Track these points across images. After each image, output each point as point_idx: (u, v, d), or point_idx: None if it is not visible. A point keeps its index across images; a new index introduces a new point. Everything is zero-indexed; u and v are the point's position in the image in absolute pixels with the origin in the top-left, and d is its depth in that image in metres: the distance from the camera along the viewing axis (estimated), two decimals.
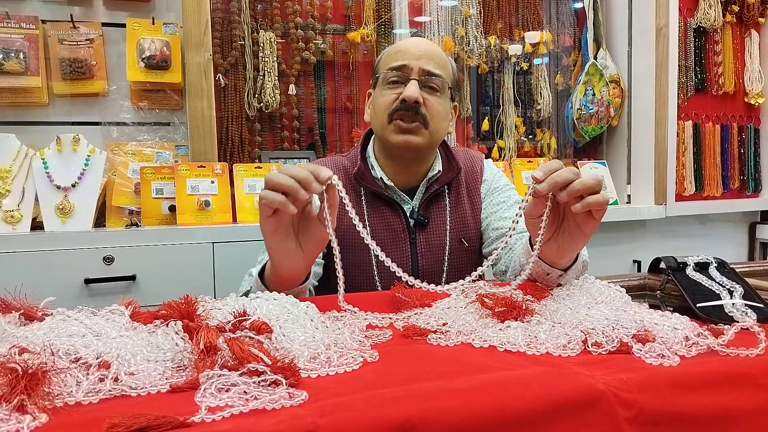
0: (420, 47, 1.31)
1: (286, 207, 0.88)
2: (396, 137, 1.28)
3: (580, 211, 0.89)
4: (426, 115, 1.28)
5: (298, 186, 0.87)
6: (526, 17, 2.76)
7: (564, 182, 0.89)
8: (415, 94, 1.25)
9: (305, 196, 0.88)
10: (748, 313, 0.86)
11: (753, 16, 2.88)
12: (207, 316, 0.74)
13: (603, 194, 0.90)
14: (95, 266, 1.77)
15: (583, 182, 0.89)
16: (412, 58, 1.29)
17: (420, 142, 1.29)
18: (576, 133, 2.81)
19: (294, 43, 2.40)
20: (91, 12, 2.17)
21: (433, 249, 1.37)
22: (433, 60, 1.30)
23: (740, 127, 2.91)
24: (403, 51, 1.31)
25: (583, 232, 0.95)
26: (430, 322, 0.86)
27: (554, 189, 0.90)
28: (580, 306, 0.84)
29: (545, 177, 0.90)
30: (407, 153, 1.31)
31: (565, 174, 0.89)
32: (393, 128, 1.28)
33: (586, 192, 0.89)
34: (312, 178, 0.88)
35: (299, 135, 2.44)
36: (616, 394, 0.59)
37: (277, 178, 0.88)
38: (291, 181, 0.88)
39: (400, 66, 1.29)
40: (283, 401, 0.55)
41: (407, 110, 1.27)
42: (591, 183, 0.89)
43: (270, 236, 0.94)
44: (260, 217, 0.94)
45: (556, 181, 0.89)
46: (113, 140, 2.17)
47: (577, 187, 0.89)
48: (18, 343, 0.61)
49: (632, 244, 2.70)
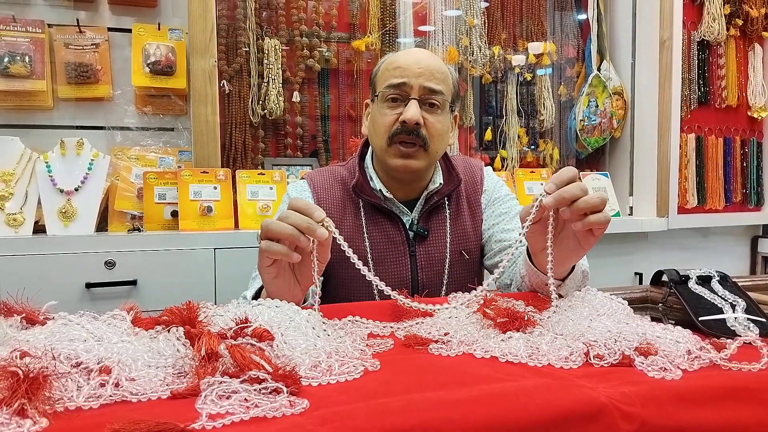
0: (421, 63, 1.27)
1: (290, 257, 0.88)
2: (395, 161, 1.27)
3: (580, 229, 0.89)
4: (426, 137, 1.26)
5: (299, 233, 0.87)
6: (530, 28, 2.77)
7: (571, 198, 0.89)
8: (415, 116, 1.23)
9: (306, 243, 0.87)
10: (751, 327, 0.86)
11: (757, 30, 2.88)
12: (209, 322, 0.74)
13: (605, 213, 0.90)
14: (97, 270, 1.77)
15: (588, 201, 0.89)
16: (412, 76, 1.25)
17: (418, 165, 1.28)
18: (579, 144, 2.81)
19: (298, 50, 2.41)
20: (97, 17, 2.19)
21: (433, 261, 1.36)
22: (433, 76, 1.26)
23: (743, 140, 2.92)
24: (403, 67, 1.26)
25: (581, 246, 0.94)
26: (432, 331, 0.85)
27: (560, 204, 0.90)
28: (582, 318, 0.84)
29: (557, 188, 0.90)
30: (406, 176, 1.31)
31: (572, 190, 0.89)
32: (393, 152, 1.27)
33: (590, 210, 0.89)
34: (315, 225, 0.87)
35: (302, 142, 2.45)
36: (618, 407, 0.59)
37: (276, 228, 0.88)
38: (290, 229, 0.87)
39: (400, 84, 1.26)
40: (284, 409, 0.54)
41: (408, 133, 1.24)
42: (595, 202, 0.89)
43: (270, 282, 0.94)
44: (259, 264, 0.93)
45: (563, 196, 0.89)
46: (117, 145, 2.17)
47: (581, 205, 0.89)
48: (19, 347, 0.61)
49: (634, 256, 2.70)
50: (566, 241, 0.95)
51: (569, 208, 0.89)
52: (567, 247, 0.95)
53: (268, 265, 0.91)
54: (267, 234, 0.89)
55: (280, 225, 0.88)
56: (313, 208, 0.89)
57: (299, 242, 0.87)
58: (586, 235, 0.92)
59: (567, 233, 0.95)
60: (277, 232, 0.87)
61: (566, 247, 0.95)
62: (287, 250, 0.88)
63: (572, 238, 0.94)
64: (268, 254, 0.89)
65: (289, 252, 0.88)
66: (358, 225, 1.34)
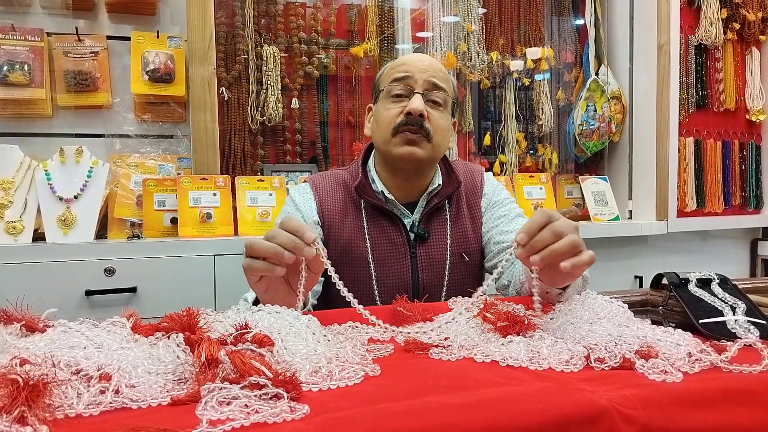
0: (424, 61, 1.33)
1: (273, 272, 0.88)
2: (399, 149, 1.29)
3: (569, 270, 0.88)
4: (429, 129, 1.29)
5: (282, 250, 0.87)
6: (528, 33, 2.78)
7: (542, 246, 0.89)
8: (420, 107, 1.27)
9: (291, 259, 0.87)
10: (751, 329, 0.86)
11: (754, 33, 2.89)
12: (208, 328, 0.74)
13: (587, 253, 0.89)
14: (96, 278, 1.77)
15: (555, 249, 0.88)
16: (416, 71, 1.30)
17: (422, 154, 1.29)
18: (577, 149, 2.82)
19: (297, 57, 2.41)
20: (96, 25, 2.19)
21: (433, 263, 1.37)
22: (437, 74, 1.32)
23: (741, 143, 2.92)
24: (407, 64, 1.32)
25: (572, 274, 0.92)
26: (432, 336, 0.85)
27: (530, 254, 0.90)
28: (583, 321, 0.84)
29: (529, 239, 0.90)
30: (409, 165, 1.32)
31: (544, 236, 0.89)
32: (398, 140, 1.29)
33: (563, 257, 0.88)
34: (301, 244, 0.87)
35: (301, 148, 2.45)
36: (619, 410, 0.59)
37: (258, 247, 0.88)
38: (273, 248, 0.87)
39: (405, 78, 1.30)
40: (285, 415, 0.54)
41: (412, 124, 1.28)
42: (564, 250, 0.88)
43: (263, 295, 0.94)
44: (248, 282, 0.93)
45: (534, 246, 0.89)
46: (116, 152, 2.18)
47: (547, 254, 0.88)
48: (19, 355, 0.61)
49: (634, 260, 2.70)
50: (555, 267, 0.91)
51: (539, 257, 0.89)
52: (558, 275, 0.93)
53: (256, 281, 0.92)
54: (250, 253, 0.90)
55: (262, 244, 0.88)
56: (304, 229, 0.89)
57: (283, 259, 0.87)
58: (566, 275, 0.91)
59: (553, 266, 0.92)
60: (260, 252, 0.88)
61: (558, 272, 0.92)
62: (267, 265, 0.88)
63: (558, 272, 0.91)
64: (250, 272, 0.90)
65: (270, 267, 0.88)
66: (360, 227, 1.35)
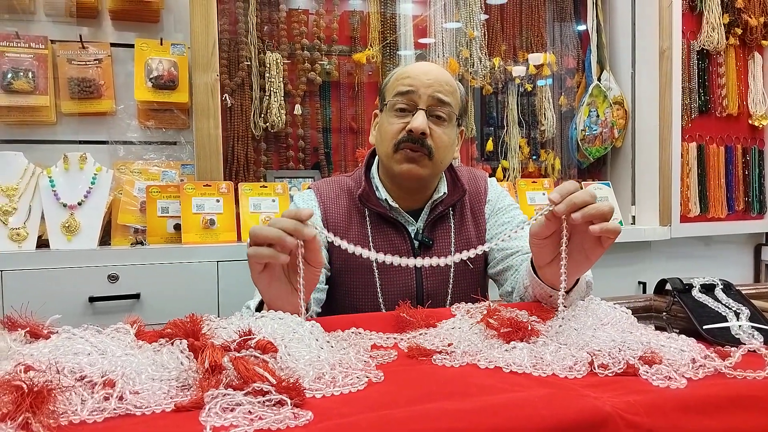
0: (430, 75, 1.28)
1: (277, 258, 0.88)
2: (401, 167, 1.28)
3: (598, 233, 0.89)
4: (431, 147, 1.26)
5: (283, 233, 0.87)
6: (530, 39, 2.79)
7: (581, 204, 0.89)
8: (422, 125, 1.24)
9: (293, 242, 0.87)
10: (755, 335, 0.86)
11: (756, 38, 2.89)
12: (212, 334, 0.74)
13: (615, 223, 0.90)
14: (100, 284, 1.78)
15: (598, 207, 0.89)
16: (421, 86, 1.26)
17: (423, 172, 1.28)
18: (580, 154, 2.82)
19: (300, 63, 2.42)
20: (100, 32, 2.20)
21: (438, 271, 1.36)
22: (442, 87, 1.28)
23: (744, 148, 2.92)
24: (412, 77, 1.28)
25: (588, 258, 0.94)
26: (435, 342, 0.85)
27: (571, 210, 0.90)
28: (586, 327, 0.83)
29: (562, 199, 0.90)
30: (409, 182, 1.31)
31: (582, 196, 0.90)
32: (399, 157, 1.28)
33: (599, 218, 0.89)
34: (301, 225, 0.87)
35: (304, 154, 2.46)
36: (623, 416, 0.59)
37: (261, 232, 0.88)
38: (275, 231, 0.87)
39: (409, 92, 1.27)
40: (288, 421, 0.54)
41: (413, 141, 1.26)
42: (605, 209, 0.89)
43: (265, 289, 0.94)
44: (252, 274, 0.93)
45: (574, 202, 0.89)
46: (120, 159, 2.18)
47: (591, 211, 0.89)
48: (23, 361, 0.61)
49: (637, 266, 2.69)
50: (574, 254, 0.95)
51: (580, 213, 0.89)
52: (574, 260, 0.95)
53: (260, 271, 0.91)
54: (254, 240, 0.89)
55: (265, 229, 0.88)
56: (300, 210, 0.89)
57: (286, 243, 0.87)
58: (594, 245, 0.92)
59: (574, 246, 0.95)
60: (263, 237, 0.88)
61: (573, 259, 0.95)
62: (272, 251, 0.88)
63: (579, 251, 0.94)
64: (255, 259, 0.89)
65: (275, 253, 0.88)
66: (364, 234, 1.34)
